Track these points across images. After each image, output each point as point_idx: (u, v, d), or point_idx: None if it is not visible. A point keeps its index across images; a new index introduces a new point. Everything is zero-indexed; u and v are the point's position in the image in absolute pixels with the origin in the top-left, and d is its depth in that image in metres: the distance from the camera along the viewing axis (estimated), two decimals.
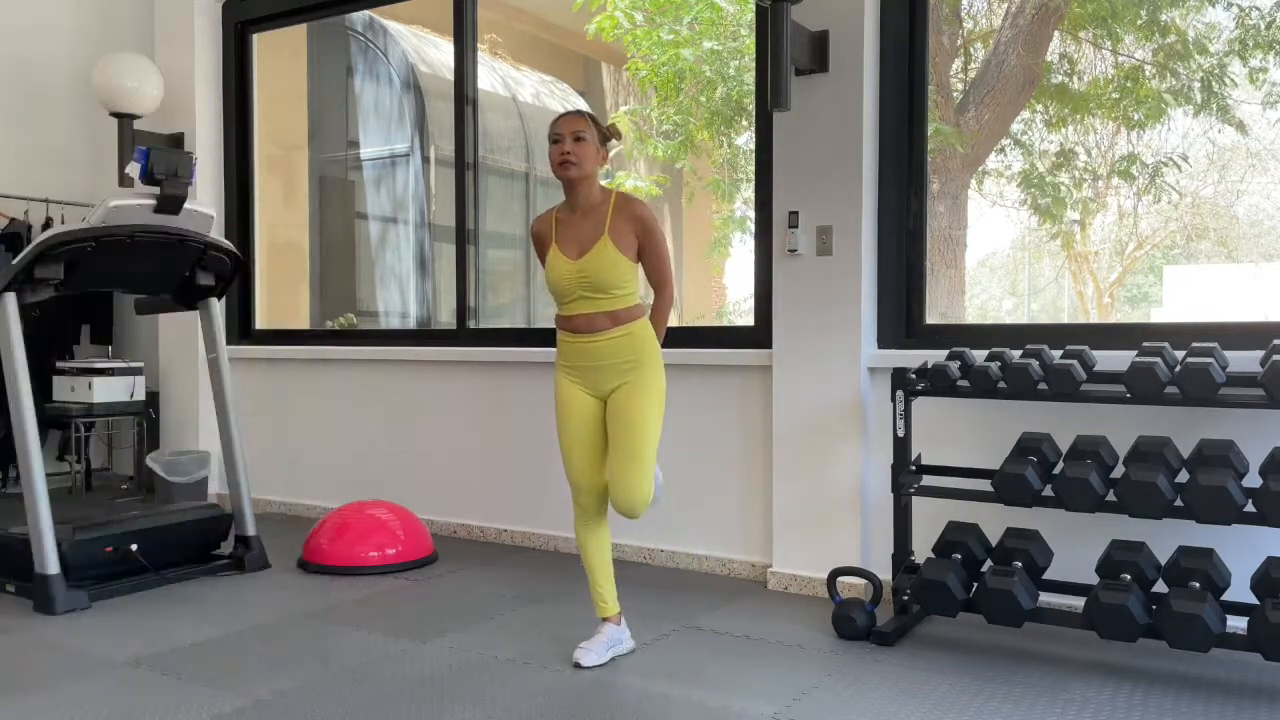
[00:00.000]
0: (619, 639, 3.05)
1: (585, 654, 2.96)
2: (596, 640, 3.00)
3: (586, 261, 2.87)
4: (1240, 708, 2.63)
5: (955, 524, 3.22)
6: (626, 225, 2.89)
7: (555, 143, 2.89)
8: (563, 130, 2.89)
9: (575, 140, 2.88)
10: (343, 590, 3.83)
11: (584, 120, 2.91)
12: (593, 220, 2.91)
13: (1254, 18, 4.26)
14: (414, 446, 4.91)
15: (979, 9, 5.36)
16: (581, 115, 2.93)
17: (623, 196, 2.94)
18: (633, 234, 2.89)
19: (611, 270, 2.86)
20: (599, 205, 2.93)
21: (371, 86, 6.54)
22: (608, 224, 2.88)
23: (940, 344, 3.55)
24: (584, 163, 2.88)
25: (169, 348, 5.62)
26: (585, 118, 2.93)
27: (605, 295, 2.88)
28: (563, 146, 2.87)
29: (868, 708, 2.65)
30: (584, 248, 2.89)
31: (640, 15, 6.36)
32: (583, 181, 2.91)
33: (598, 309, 2.89)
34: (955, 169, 4.67)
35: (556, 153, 2.88)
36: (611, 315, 2.89)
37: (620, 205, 2.92)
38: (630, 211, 2.90)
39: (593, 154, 2.90)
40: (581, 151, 2.87)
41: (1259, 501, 2.70)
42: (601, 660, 2.97)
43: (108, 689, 2.79)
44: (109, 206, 3.69)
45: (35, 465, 3.57)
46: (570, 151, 2.87)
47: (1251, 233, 4.88)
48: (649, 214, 2.92)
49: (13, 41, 5.60)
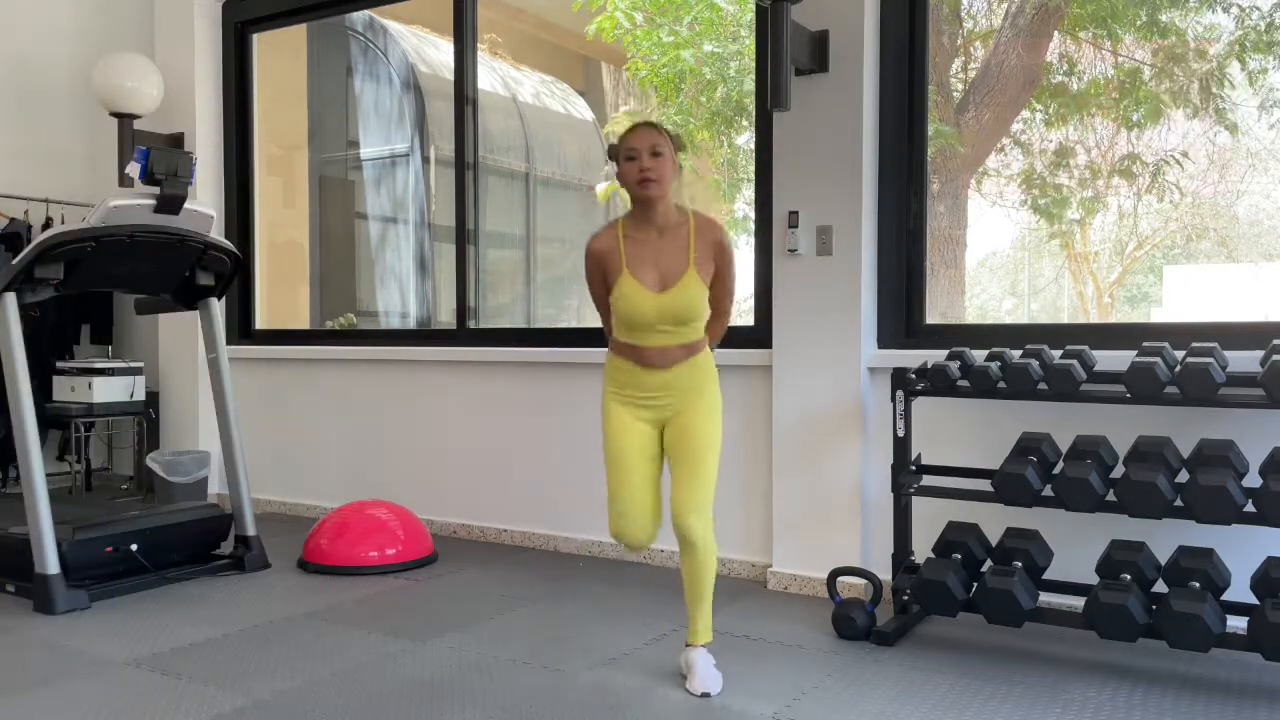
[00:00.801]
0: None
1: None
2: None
3: (673, 297, 2.68)
4: (1240, 708, 2.63)
5: (955, 524, 3.22)
6: (708, 253, 2.73)
7: (631, 159, 2.67)
8: (639, 145, 2.67)
9: (653, 156, 2.66)
10: (343, 590, 3.83)
11: (660, 133, 2.70)
12: (672, 245, 2.72)
13: (1254, 18, 4.26)
14: (414, 446, 4.91)
15: (979, 9, 5.36)
16: (656, 128, 2.72)
17: (703, 220, 2.76)
18: (712, 262, 2.74)
19: (699, 304, 2.71)
20: (678, 227, 2.74)
21: (371, 86, 6.54)
22: (691, 255, 2.70)
23: (940, 344, 3.55)
24: (664, 180, 2.67)
25: (169, 348, 5.62)
26: (660, 130, 2.72)
27: (686, 328, 2.72)
28: (641, 163, 2.66)
29: (868, 708, 2.65)
30: (667, 280, 2.70)
31: (640, 15, 6.36)
32: (661, 200, 2.72)
33: (675, 342, 2.73)
34: (955, 169, 4.67)
35: (634, 170, 2.66)
36: (687, 348, 2.74)
37: (702, 231, 2.74)
38: (713, 239, 2.74)
39: (671, 169, 2.70)
40: (661, 168, 2.66)
41: (1259, 501, 2.70)
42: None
43: (108, 689, 2.79)
44: (109, 206, 3.69)
45: (35, 465, 3.57)
46: (650, 168, 2.65)
47: (1251, 233, 4.88)
48: (729, 241, 2.77)
49: (13, 41, 5.60)
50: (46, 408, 5.22)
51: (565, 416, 4.43)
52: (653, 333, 2.73)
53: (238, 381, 4.61)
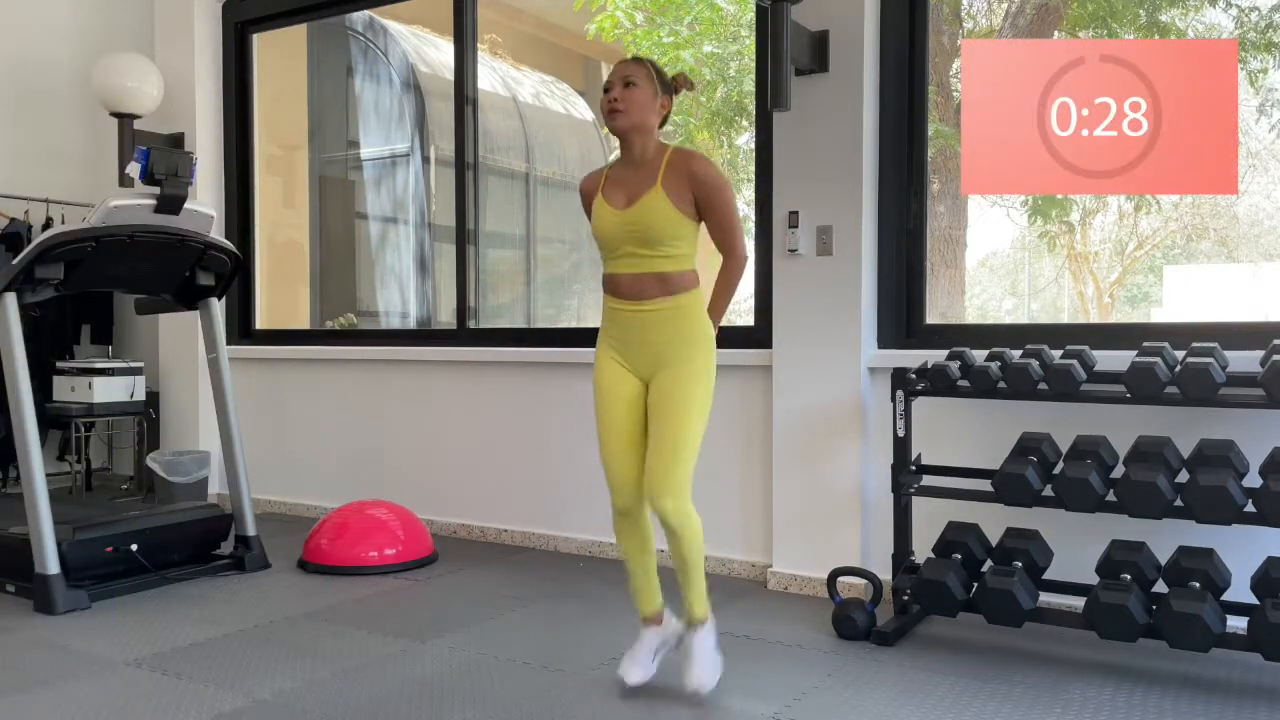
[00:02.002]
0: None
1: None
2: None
3: (635, 211, 2.60)
4: (1240, 708, 2.63)
5: (955, 524, 3.22)
6: (681, 180, 2.60)
7: (606, 90, 2.62)
8: (613, 77, 2.62)
9: (625, 86, 2.60)
10: (343, 590, 3.83)
11: (637, 65, 2.64)
12: (645, 173, 2.64)
13: (1253, 18, 4.26)
14: (414, 446, 4.91)
15: (979, 9, 5.36)
16: (637, 60, 2.67)
17: (681, 150, 2.66)
18: (689, 190, 2.60)
19: (662, 222, 2.57)
20: (655, 159, 2.65)
21: (371, 86, 6.54)
22: (661, 174, 2.60)
23: (940, 344, 3.55)
24: (632, 110, 2.59)
25: (169, 348, 5.62)
26: (641, 62, 2.66)
27: (654, 252, 2.59)
28: (611, 93, 2.61)
29: (868, 708, 2.64)
30: (633, 197, 2.62)
31: (640, 15, 6.36)
32: (634, 133, 2.62)
33: (646, 269, 2.61)
34: (955, 169, 4.67)
35: (605, 101, 2.61)
36: (661, 279, 2.61)
37: (676, 159, 2.63)
38: (686, 167, 2.61)
39: (646, 102, 2.60)
40: (631, 98, 2.59)
41: (1259, 501, 2.70)
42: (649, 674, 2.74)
43: (108, 689, 2.79)
44: (109, 206, 3.69)
45: (35, 465, 3.57)
46: (618, 98, 2.59)
47: (1251, 233, 4.88)
48: (710, 170, 2.62)
49: (13, 41, 5.60)
50: (46, 408, 5.21)
51: (565, 416, 4.43)
52: (621, 256, 2.64)
53: (238, 381, 4.60)
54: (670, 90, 2.70)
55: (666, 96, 2.69)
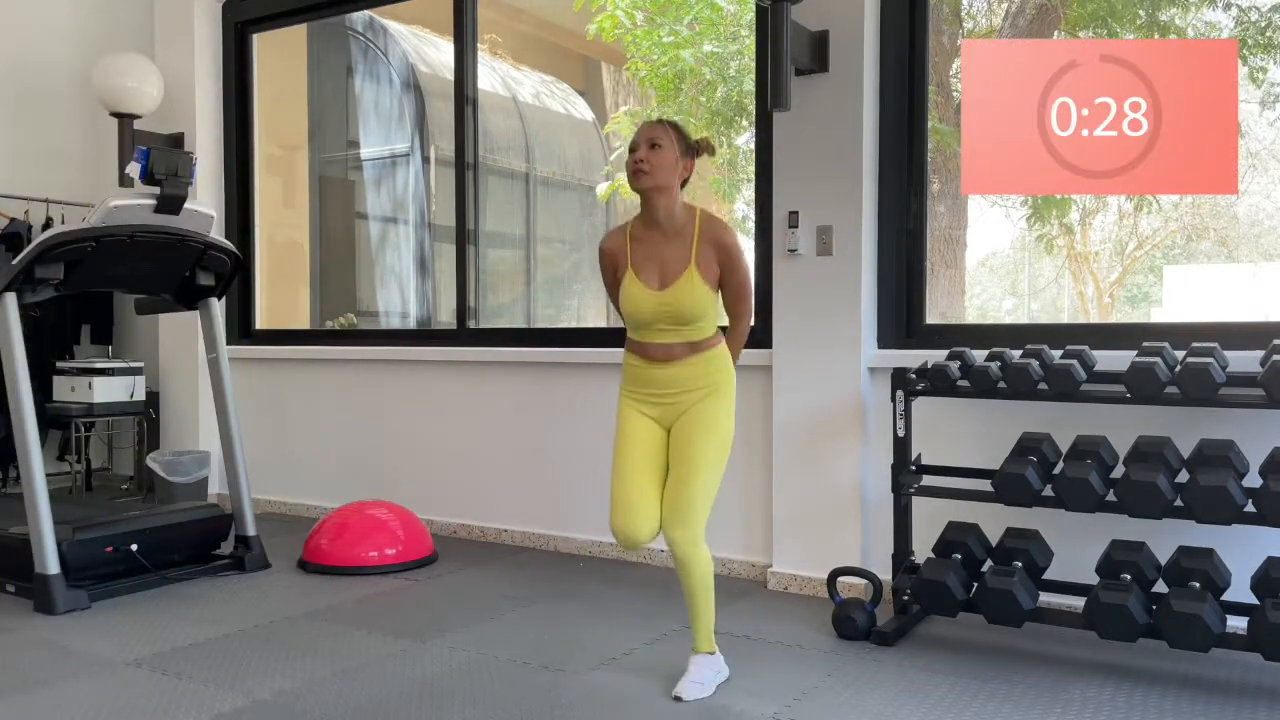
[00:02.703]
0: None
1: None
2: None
3: (671, 295, 2.67)
4: (1240, 708, 2.63)
5: (955, 524, 3.22)
6: (711, 252, 2.69)
7: (632, 151, 2.70)
8: (639, 138, 2.70)
9: (651, 148, 2.67)
10: (343, 590, 3.83)
11: (663, 128, 2.71)
12: (676, 245, 2.70)
13: (1253, 17, 4.26)
14: (414, 446, 4.91)
15: (979, 9, 5.36)
16: (661, 123, 2.73)
17: (708, 219, 2.73)
18: (716, 262, 2.69)
19: (698, 304, 2.66)
20: (682, 226, 2.71)
21: (371, 86, 6.54)
22: (694, 252, 2.68)
23: (940, 344, 3.55)
24: (657, 172, 2.65)
25: (169, 348, 5.62)
26: (665, 126, 2.72)
27: (688, 328, 2.69)
28: (637, 154, 2.67)
29: (868, 708, 2.64)
30: (667, 278, 2.68)
31: (640, 15, 6.36)
32: (659, 194, 2.69)
33: (678, 340, 2.71)
34: (955, 169, 4.67)
35: (630, 161, 2.69)
36: (692, 345, 2.71)
37: (705, 230, 2.70)
38: (716, 238, 2.69)
39: (670, 164, 2.67)
40: (656, 160, 2.66)
41: (1259, 501, 2.70)
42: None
43: (108, 689, 2.79)
44: (109, 206, 3.69)
45: (35, 465, 3.57)
46: (644, 159, 2.66)
47: (1251, 233, 4.88)
48: (734, 240, 2.71)
49: (13, 41, 5.60)
50: (46, 408, 5.21)
51: (565, 416, 4.43)
52: (655, 330, 2.72)
53: (238, 381, 4.61)
54: (693, 153, 2.76)
55: (689, 159, 2.75)
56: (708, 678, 2.76)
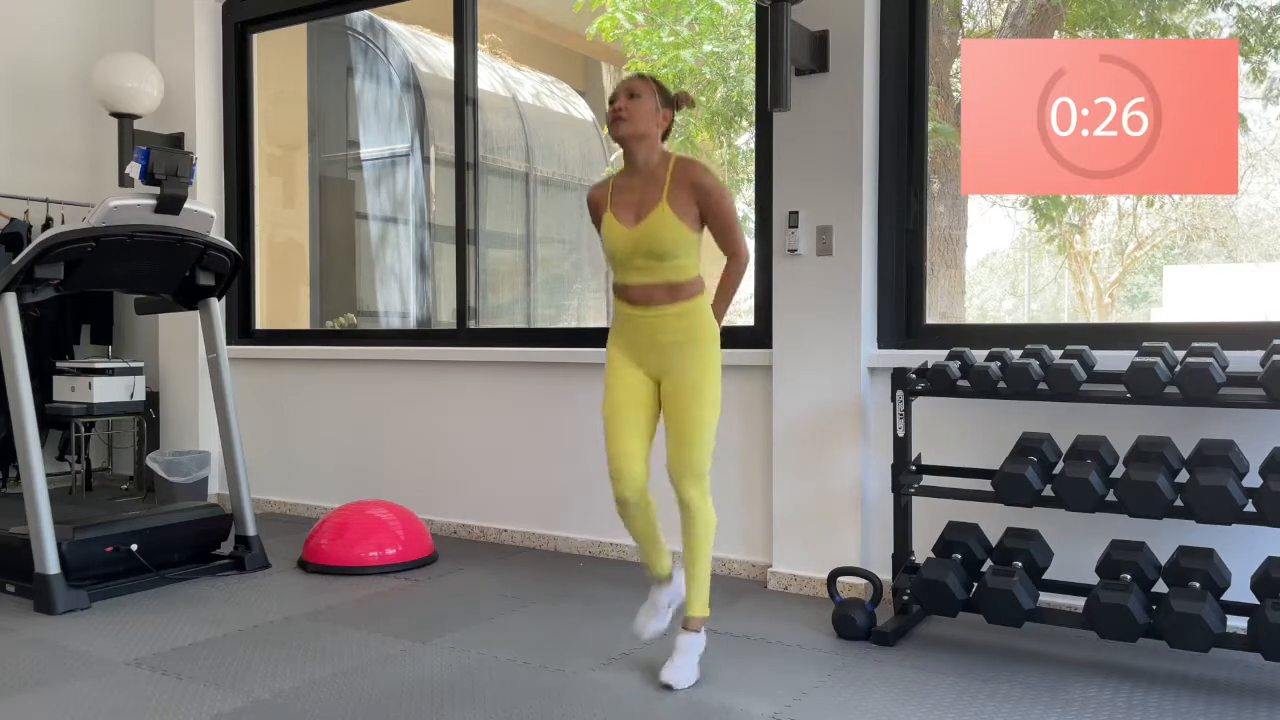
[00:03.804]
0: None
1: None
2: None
3: (643, 228, 2.73)
4: (1240, 708, 2.63)
5: (955, 524, 3.22)
6: (686, 192, 2.74)
7: (611, 102, 2.79)
8: (618, 89, 2.80)
9: (629, 97, 2.77)
10: (343, 590, 3.83)
11: (641, 80, 2.82)
12: (651, 185, 2.77)
13: (1254, 16, 4.26)
14: (414, 446, 4.91)
15: (979, 9, 5.36)
16: (641, 76, 2.84)
17: (683, 160, 2.79)
18: (693, 201, 2.74)
19: (671, 238, 2.71)
20: (658, 169, 2.79)
21: (371, 86, 6.54)
22: (666, 189, 2.74)
23: (940, 344, 3.55)
24: (635, 120, 2.75)
25: (169, 348, 5.62)
26: (645, 79, 2.83)
27: (664, 264, 2.74)
28: (616, 103, 2.77)
29: (868, 708, 2.64)
30: (641, 214, 2.75)
31: (641, 16, 6.36)
32: (637, 141, 2.78)
33: (657, 279, 2.76)
34: (955, 169, 4.67)
35: (610, 111, 2.77)
36: (670, 289, 2.76)
37: (679, 170, 2.76)
38: (689, 177, 2.75)
39: (648, 113, 2.76)
40: (635, 108, 2.75)
41: (1259, 501, 2.70)
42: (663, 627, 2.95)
43: (108, 689, 2.79)
44: (109, 206, 3.69)
45: (35, 465, 3.57)
46: (623, 107, 2.75)
47: (1251, 233, 4.88)
48: (710, 179, 2.76)
49: (13, 41, 5.60)
50: (46, 408, 5.21)
51: (565, 416, 4.43)
52: (632, 269, 2.79)
53: (238, 381, 4.61)
54: (672, 105, 2.86)
55: (669, 109, 2.85)
56: (693, 661, 2.83)
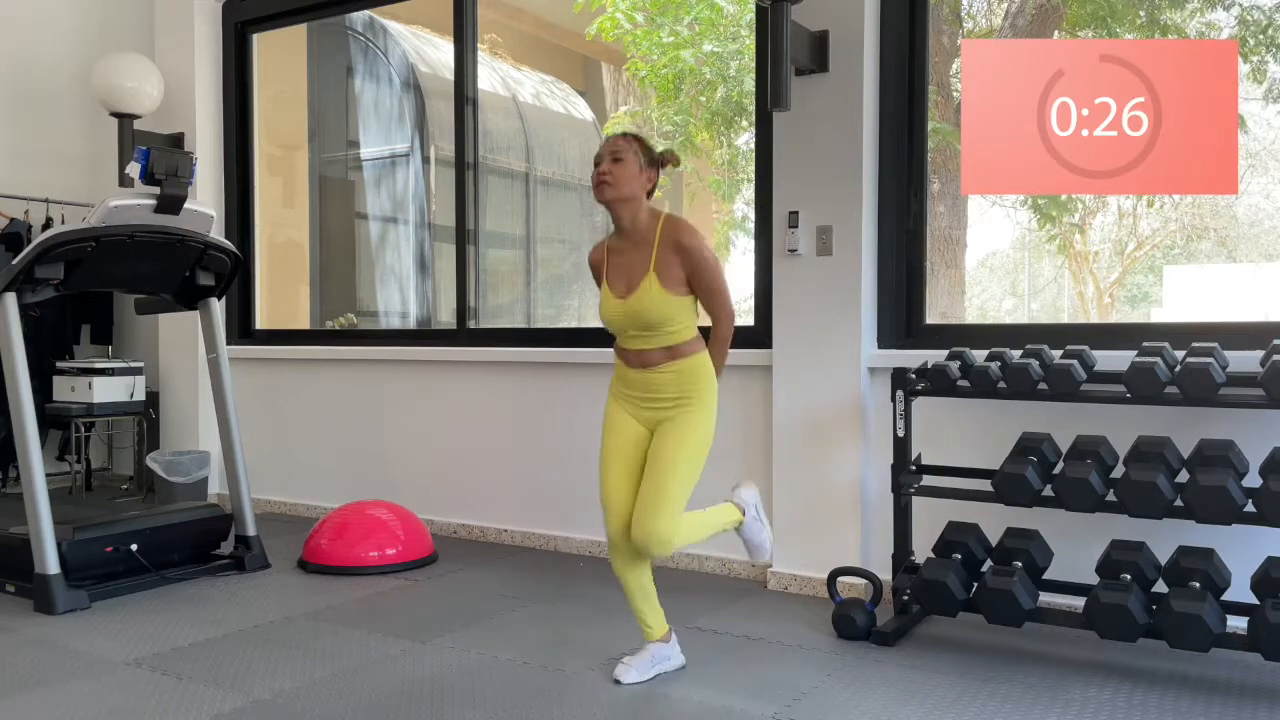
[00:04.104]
0: (665, 656, 2.90)
1: (625, 670, 2.83)
2: (639, 656, 2.87)
3: (634, 302, 2.71)
4: (1240, 708, 2.63)
5: (955, 524, 3.22)
6: (672, 257, 2.71)
7: (596, 164, 2.76)
8: (602, 151, 2.76)
9: (613, 161, 2.73)
10: (343, 590, 3.83)
11: (625, 140, 2.77)
12: (640, 252, 2.74)
13: (1255, 16, 4.26)
14: (414, 446, 4.91)
15: (979, 9, 5.36)
16: (625, 136, 2.79)
17: (670, 222, 2.75)
18: (679, 266, 2.71)
19: (659, 311, 2.69)
20: (646, 232, 2.75)
21: (371, 86, 6.54)
22: (654, 258, 2.71)
23: (940, 344, 3.55)
24: (619, 184, 2.71)
25: (169, 348, 5.62)
26: (628, 139, 2.78)
27: (656, 333, 2.73)
28: (600, 167, 2.74)
29: (868, 708, 2.64)
30: (631, 286, 2.73)
31: (641, 16, 6.36)
32: (622, 205, 2.74)
33: (651, 345, 2.74)
34: (955, 169, 4.67)
35: (594, 175, 2.75)
36: (666, 351, 2.74)
37: (666, 234, 2.72)
38: (675, 241, 2.71)
39: (632, 175, 2.72)
40: (618, 172, 2.71)
41: (1259, 501, 2.70)
42: (644, 677, 2.83)
43: (108, 689, 2.79)
44: (109, 206, 3.69)
45: (35, 465, 3.57)
46: (607, 171, 2.72)
47: (1251, 233, 4.88)
48: (695, 242, 2.71)
49: (13, 41, 5.60)
50: (46, 408, 5.21)
51: (565, 416, 4.43)
52: (628, 337, 2.78)
53: (238, 381, 4.61)
54: (657, 165, 2.81)
55: (653, 170, 2.80)
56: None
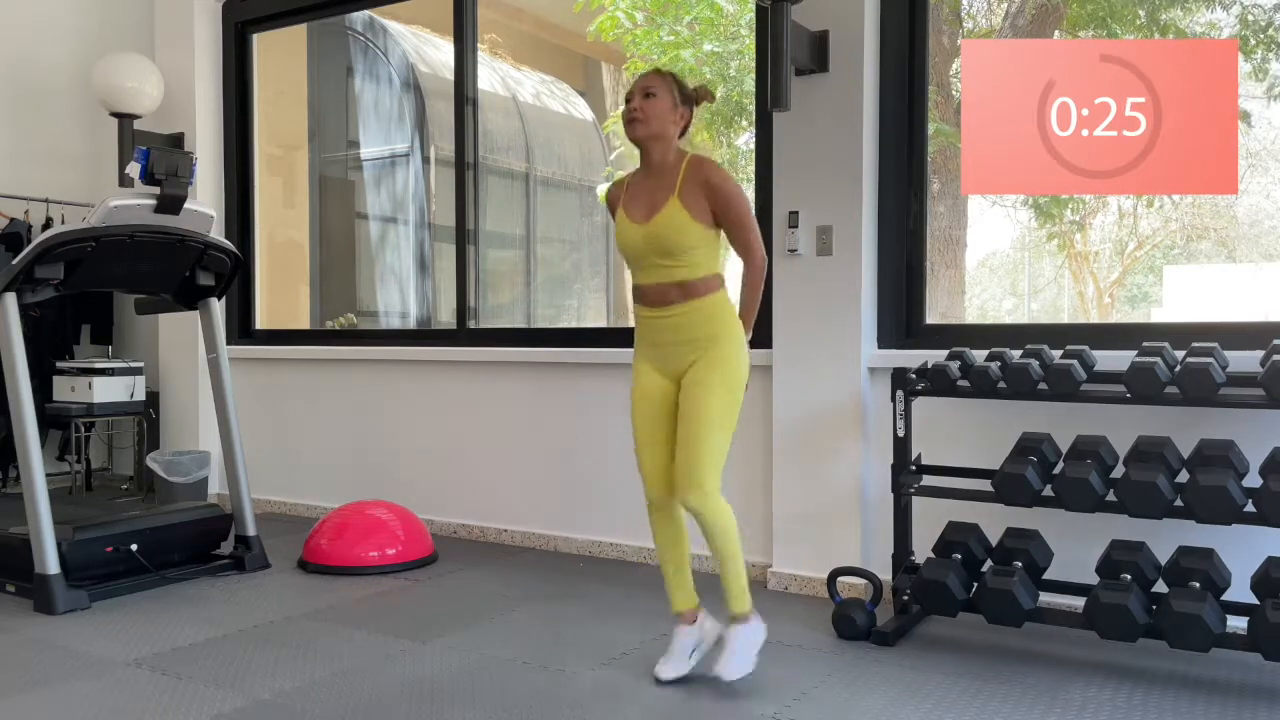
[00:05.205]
0: (694, 641, 2.83)
1: (663, 667, 2.79)
2: (670, 653, 2.83)
3: (654, 225, 2.68)
4: (1240, 708, 2.63)
5: (955, 524, 3.22)
6: (698, 189, 2.67)
7: (627, 101, 2.72)
8: (634, 88, 2.73)
9: (645, 97, 2.70)
10: (343, 590, 3.83)
11: (658, 77, 2.74)
12: (664, 183, 2.72)
13: (1255, 15, 4.26)
14: (414, 446, 4.91)
15: (979, 9, 5.36)
16: (657, 72, 2.76)
17: (696, 158, 2.73)
18: (704, 199, 2.68)
19: (681, 234, 2.65)
20: (672, 167, 2.73)
21: (371, 86, 6.54)
22: (678, 186, 2.68)
23: (940, 344, 3.55)
24: (650, 120, 2.69)
25: (169, 348, 5.62)
26: (662, 75, 2.75)
27: (676, 262, 2.67)
28: (632, 103, 2.71)
29: (868, 708, 2.64)
30: (652, 210, 2.70)
31: (641, 15, 6.36)
32: (653, 141, 2.72)
33: (668, 279, 2.70)
34: (955, 169, 4.67)
35: (626, 111, 2.71)
36: (682, 287, 2.69)
37: (692, 168, 2.70)
38: (702, 177, 2.68)
39: (664, 112, 2.70)
40: (650, 108, 2.69)
41: (1259, 501, 2.70)
42: (682, 671, 2.79)
43: (108, 689, 2.79)
44: (109, 206, 3.69)
45: (35, 465, 3.57)
46: (638, 107, 2.69)
47: (1251, 233, 4.88)
48: (722, 176, 2.69)
49: (13, 41, 5.60)
50: (46, 408, 5.21)
51: (565, 416, 4.43)
52: (645, 267, 2.74)
53: (238, 381, 4.61)
54: (690, 101, 2.78)
55: (686, 107, 2.77)
56: (745, 651, 2.75)
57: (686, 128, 2.79)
